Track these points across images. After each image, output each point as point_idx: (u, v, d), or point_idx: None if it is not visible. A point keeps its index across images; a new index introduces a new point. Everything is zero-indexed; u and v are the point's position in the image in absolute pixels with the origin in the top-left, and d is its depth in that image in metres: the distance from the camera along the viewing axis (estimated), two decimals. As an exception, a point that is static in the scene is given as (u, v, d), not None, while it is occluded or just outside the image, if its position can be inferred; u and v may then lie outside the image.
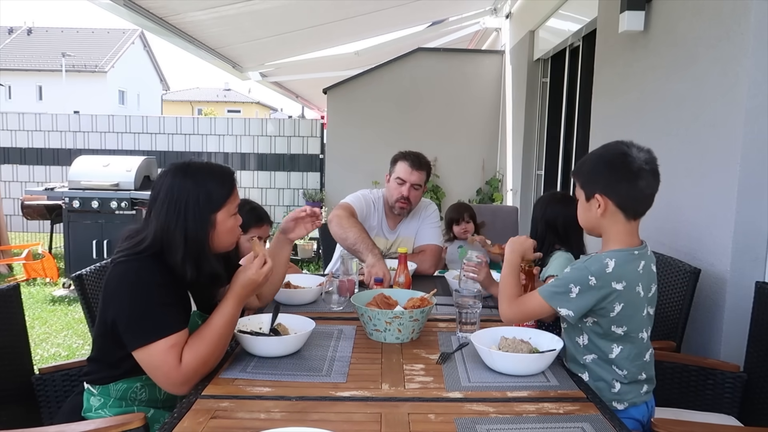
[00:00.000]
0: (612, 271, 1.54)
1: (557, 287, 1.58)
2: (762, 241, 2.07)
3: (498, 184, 7.01)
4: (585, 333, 1.63)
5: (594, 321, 1.60)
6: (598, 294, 1.54)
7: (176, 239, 1.51)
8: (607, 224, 1.60)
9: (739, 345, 2.02)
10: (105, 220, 5.58)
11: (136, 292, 1.48)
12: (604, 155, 1.61)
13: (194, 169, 1.59)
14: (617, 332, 1.58)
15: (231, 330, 1.58)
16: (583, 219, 1.68)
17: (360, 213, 2.80)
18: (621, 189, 1.56)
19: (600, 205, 1.58)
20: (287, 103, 36.16)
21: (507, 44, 6.83)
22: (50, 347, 4.20)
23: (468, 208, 3.46)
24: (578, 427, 1.28)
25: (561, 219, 2.23)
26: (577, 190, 1.67)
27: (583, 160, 1.67)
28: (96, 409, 1.59)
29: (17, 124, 8.75)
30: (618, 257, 1.55)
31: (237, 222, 1.66)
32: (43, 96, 28.08)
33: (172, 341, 1.46)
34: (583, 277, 1.54)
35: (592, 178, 1.61)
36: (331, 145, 7.58)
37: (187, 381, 1.48)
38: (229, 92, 40.26)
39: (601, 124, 3.45)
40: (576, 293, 1.55)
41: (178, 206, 1.52)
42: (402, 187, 2.82)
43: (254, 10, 4.61)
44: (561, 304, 1.57)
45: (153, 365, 1.47)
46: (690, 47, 2.40)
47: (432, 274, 2.88)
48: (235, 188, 1.66)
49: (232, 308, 1.57)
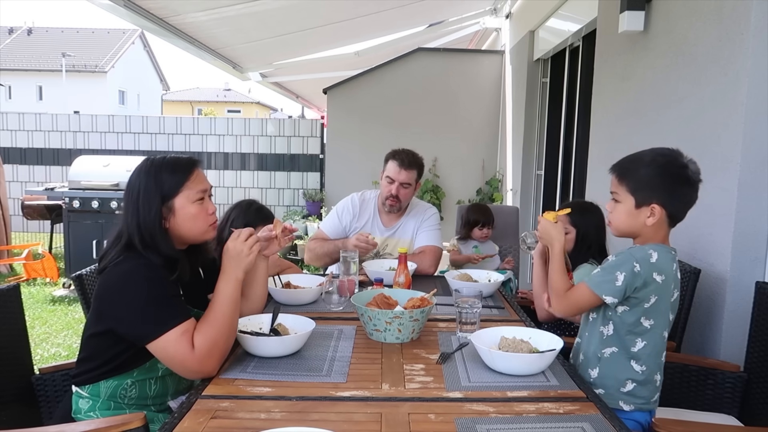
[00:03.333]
0: (655, 262, 1.56)
1: (603, 275, 1.60)
2: (762, 241, 2.07)
3: (498, 184, 7.01)
4: (612, 323, 1.64)
5: (625, 309, 1.61)
6: (640, 280, 1.56)
7: (132, 227, 1.58)
8: (651, 230, 1.61)
9: (739, 345, 2.02)
10: (105, 220, 5.58)
11: (140, 289, 1.51)
12: (666, 166, 1.59)
13: (150, 163, 1.65)
14: (645, 325, 1.60)
15: (233, 307, 1.59)
16: (624, 223, 1.64)
17: (341, 222, 3.00)
18: (679, 200, 1.59)
19: (653, 213, 1.58)
20: (287, 103, 36.16)
21: (507, 44, 6.83)
22: (50, 347, 4.20)
23: (492, 213, 3.45)
24: (578, 427, 1.28)
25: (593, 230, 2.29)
26: (621, 194, 1.63)
27: (634, 166, 1.63)
28: (85, 412, 1.59)
29: (17, 124, 8.76)
30: (659, 251, 1.58)
31: (204, 209, 1.66)
32: (43, 96, 28.07)
33: (182, 329, 1.49)
34: (628, 263, 1.56)
35: (649, 186, 1.59)
36: (331, 145, 7.58)
37: (203, 365, 1.50)
38: (229, 92, 40.25)
39: (601, 124, 3.45)
40: (621, 279, 1.56)
41: (133, 197, 1.60)
42: (391, 186, 2.88)
43: (255, 11, 4.61)
44: (607, 291, 1.58)
45: (169, 355, 1.50)
46: (690, 47, 2.40)
47: (432, 274, 2.89)
48: (194, 176, 1.66)
49: (225, 285, 1.60)
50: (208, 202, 1.69)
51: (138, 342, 1.51)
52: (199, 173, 1.68)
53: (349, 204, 3.02)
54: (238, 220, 2.36)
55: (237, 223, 2.34)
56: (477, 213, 3.43)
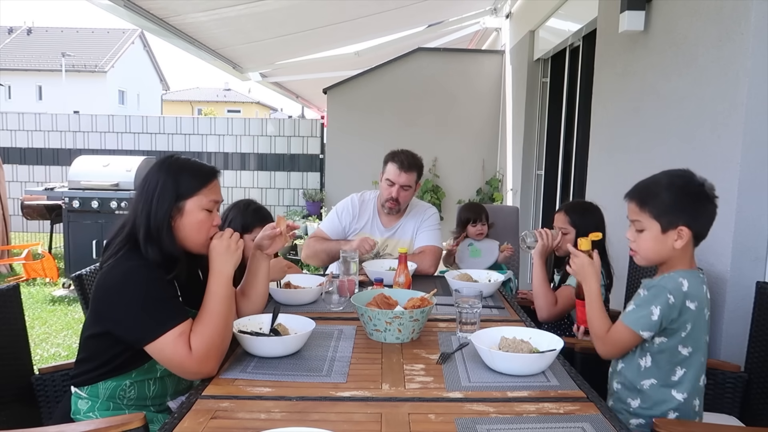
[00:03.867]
0: (687, 290, 1.55)
1: (638, 311, 1.58)
2: (762, 241, 2.07)
3: (498, 184, 7.01)
4: (649, 354, 1.62)
5: (663, 341, 1.59)
6: (675, 311, 1.54)
7: (141, 218, 1.58)
8: (679, 253, 1.59)
9: (740, 345, 2.02)
10: (105, 220, 5.58)
11: (137, 291, 1.50)
12: (686, 187, 1.58)
13: (172, 161, 1.66)
14: (683, 353, 1.59)
15: (226, 304, 1.59)
16: (652, 250, 1.62)
17: (341, 222, 2.98)
18: (703, 219, 1.58)
19: (681, 237, 1.57)
20: (287, 103, 36.18)
21: (507, 44, 6.83)
22: (50, 347, 4.20)
23: (485, 210, 3.45)
24: (578, 427, 1.28)
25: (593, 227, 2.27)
26: (645, 220, 1.61)
27: (654, 191, 1.61)
28: (84, 413, 1.59)
29: (17, 124, 8.76)
30: (689, 277, 1.56)
31: (210, 220, 1.66)
32: (43, 96, 28.06)
33: (179, 331, 1.49)
34: (661, 296, 1.55)
35: (675, 208, 1.57)
36: (331, 145, 7.58)
37: (202, 366, 1.50)
38: (229, 92, 40.24)
39: (601, 124, 3.45)
40: (657, 313, 1.54)
41: (149, 190, 1.61)
42: (391, 189, 2.87)
43: (255, 12, 4.60)
44: (644, 326, 1.56)
45: (166, 358, 1.49)
46: (690, 47, 2.39)
47: (432, 274, 2.89)
48: (212, 185, 1.67)
49: (216, 283, 1.59)
50: (216, 214, 1.69)
51: (135, 344, 1.50)
52: (217, 184, 1.69)
53: (348, 205, 3.02)
54: (236, 221, 2.36)
55: (235, 224, 2.34)
56: (468, 210, 3.44)
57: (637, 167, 2.80)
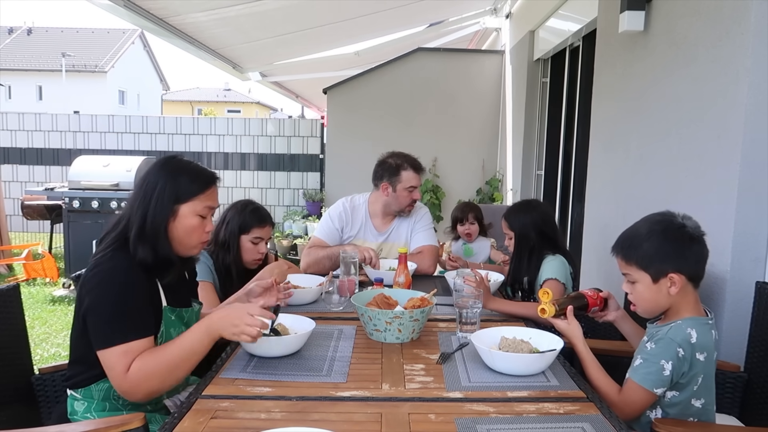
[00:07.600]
0: (696, 342, 1.51)
1: (647, 366, 1.52)
2: (762, 241, 2.06)
3: (498, 184, 7.01)
4: (660, 408, 1.58)
5: (674, 395, 1.55)
6: (686, 364, 1.50)
7: (137, 217, 1.57)
8: (679, 299, 1.55)
9: (740, 345, 2.02)
10: (105, 220, 5.56)
11: (108, 296, 1.49)
12: (665, 232, 1.55)
13: (173, 163, 1.65)
14: (695, 405, 1.55)
15: (187, 357, 1.49)
16: (648, 301, 1.58)
17: (338, 229, 2.96)
18: (691, 260, 1.54)
19: (674, 283, 1.53)
20: (287, 103, 36.21)
21: (507, 44, 6.83)
22: (50, 347, 4.20)
23: (474, 209, 3.44)
24: (578, 427, 1.28)
25: (530, 225, 2.33)
26: (634, 273, 1.58)
27: (635, 243, 1.58)
28: (81, 414, 1.59)
29: (17, 124, 8.76)
30: (697, 327, 1.52)
31: (202, 226, 1.65)
32: (43, 96, 28.06)
33: (126, 348, 1.46)
34: (670, 349, 1.50)
35: (659, 257, 1.54)
36: (331, 145, 7.58)
37: (132, 391, 1.47)
38: (229, 92, 40.24)
39: (601, 124, 3.45)
40: (669, 369, 1.50)
41: (147, 189, 1.60)
42: (413, 193, 2.89)
43: (255, 11, 4.61)
44: (657, 383, 1.51)
45: (107, 368, 1.48)
46: (690, 47, 2.39)
47: (432, 274, 2.89)
48: (209, 191, 1.66)
49: (197, 339, 1.50)
50: (209, 220, 1.69)
51: (94, 347, 1.49)
52: (215, 191, 1.69)
53: (341, 210, 2.98)
54: (234, 221, 2.35)
55: (233, 224, 2.34)
56: (456, 210, 3.46)
57: (637, 167, 2.80)
